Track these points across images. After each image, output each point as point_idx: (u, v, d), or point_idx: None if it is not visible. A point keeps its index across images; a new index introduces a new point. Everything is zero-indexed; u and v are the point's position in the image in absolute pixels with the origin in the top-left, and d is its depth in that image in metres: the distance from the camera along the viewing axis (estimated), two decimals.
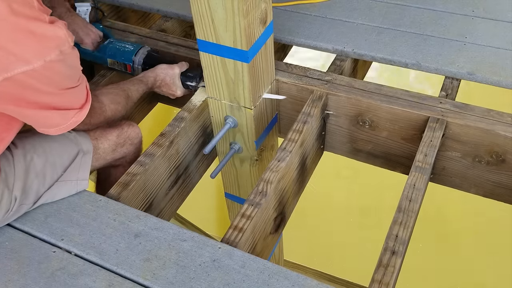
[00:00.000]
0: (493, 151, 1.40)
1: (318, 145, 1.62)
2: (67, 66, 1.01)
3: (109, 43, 1.61)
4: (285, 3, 1.88)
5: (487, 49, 1.61)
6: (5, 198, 1.11)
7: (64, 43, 0.97)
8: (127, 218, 1.18)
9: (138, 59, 1.57)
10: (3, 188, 1.10)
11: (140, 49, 1.58)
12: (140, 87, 1.43)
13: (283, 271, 1.06)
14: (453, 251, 2.81)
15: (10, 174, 1.12)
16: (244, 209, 1.21)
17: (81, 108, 1.11)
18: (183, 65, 1.54)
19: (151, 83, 1.48)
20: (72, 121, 1.10)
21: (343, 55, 1.68)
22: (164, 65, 1.51)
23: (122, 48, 1.59)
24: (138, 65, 1.57)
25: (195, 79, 1.52)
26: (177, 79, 1.51)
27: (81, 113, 1.11)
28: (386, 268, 1.07)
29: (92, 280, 1.06)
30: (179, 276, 1.06)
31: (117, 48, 1.59)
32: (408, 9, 1.82)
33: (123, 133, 1.37)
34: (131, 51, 1.58)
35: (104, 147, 1.32)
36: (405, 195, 1.22)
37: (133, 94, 1.39)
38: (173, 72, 1.50)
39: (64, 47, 0.97)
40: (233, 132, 1.56)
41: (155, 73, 1.49)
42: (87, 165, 1.26)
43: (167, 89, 1.51)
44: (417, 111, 1.43)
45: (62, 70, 1.00)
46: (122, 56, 1.58)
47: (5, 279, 1.06)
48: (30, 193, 1.16)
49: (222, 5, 1.20)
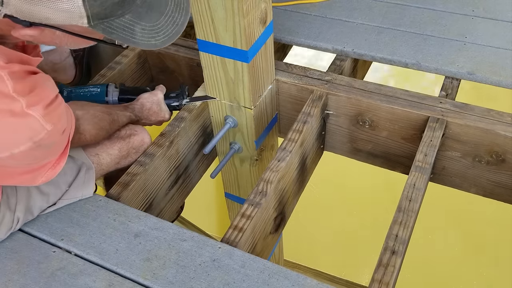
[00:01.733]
0: (493, 150, 1.40)
1: (318, 145, 1.62)
2: (44, 148, 0.92)
3: (70, 93, 1.47)
4: (285, 3, 1.88)
5: (487, 49, 1.61)
6: (6, 218, 1.10)
7: (38, 133, 0.87)
8: (127, 218, 1.18)
9: (112, 99, 1.47)
10: (5, 210, 1.09)
11: (107, 88, 1.48)
12: (127, 112, 1.37)
13: (283, 271, 1.06)
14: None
15: (12, 196, 1.10)
16: (244, 209, 1.22)
17: (55, 164, 1.01)
18: (162, 88, 1.48)
19: (138, 111, 1.40)
20: (42, 179, 1.01)
21: (343, 55, 1.68)
22: (146, 93, 1.44)
23: (88, 93, 1.47)
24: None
25: (178, 98, 1.48)
26: (162, 104, 1.45)
27: (53, 171, 1.01)
28: (386, 267, 1.07)
29: (92, 280, 1.06)
30: (179, 276, 1.06)
31: (82, 96, 1.47)
32: (408, 9, 1.82)
33: (125, 145, 1.33)
34: (99, 93, 1.47)
35: (107, 162, 1.29)
36: (405, 194, 1.22)
37: (120, 119, 1.33)
38: (157, 98, 1.43)
39: (38, 137, 0.88)
40: (233, 132, 1.56)
41: (140, 102, 1.41)
42: (91, 181, 1.23)
43: (155, 117, 1.44)
44: (417, 110, 1.43)
45: (35, 153, 0.92)
46: (93, 102, 1.41)
47: (5, 279, 1.06)
48: (34, 209, 1.15)
49: (222, 5, 1.20)
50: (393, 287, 1.07)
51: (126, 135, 1.34)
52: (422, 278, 2.69)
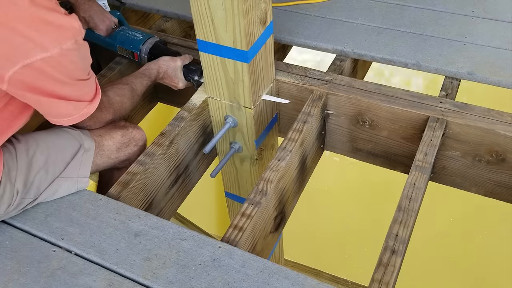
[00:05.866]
0: (493, 150, 1.40)
1: (318, 144, 1.62)
2: (80, 57, 1.07)
3: (120, 30, 1.64)
4: (285, 3, 1.88)
5: (487, 49, 1.61)
6: (7, 191, 1.12)
7: (78, 33, 1.04)
8: (127, 217, 1.18)
9: (145, 48, 1.59)
10: (6, 181, 1.12)
11: (148, 39, 1.60)
12: (144, 80, 1.45)
13: (283, 270, 1.06)
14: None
15: (12, 168, 1.14)
16: (244, 208, 1.22)
17: (92, 101, 1.16)
18: (186, 57, 1.56)
19: (154, 75, 1.49)
20: (83, 112, 1.15)
21: (343, 55, 1.68)
22: (167, 57, 1.53)
23: (132, 36, 1.62)
24: (144, 54, 1.59)
25: (196, 72, 1.53)
26: (179, 71, 1.52)
27: (91, 105, 1.16)
28: (386, 267, 1.07)
29: (92, 279, 1.06)
30: (179, 275, 1.06)
31: (127, 36, 1.62)
32: (408, 9, 1.82)
33: (128, 133, 1.38)
34: (140, 40, 1.60)
35: (108, 144, 1.33)
36: (405, 194, 1.22)
37: (138, 87, 1.41)
38: (175, 64, 1.52)
39: (78, 37, 1.04)
40: (233, 132, 1.56)
41: (158, 65, 1.50)
42: (88, 162, 1.27)
43: (169, 81, 1.54)
44: (417, 110, 1.43)
45: (75, 59, 1.05)
46: (130, 44, 1.61)
47: (5, 279, 1.06)
48: (31, 188, 1.17)
49: (222, 6, 1.20)
50: (393, 286, 1.07)
51: (130, 126, 1.40)
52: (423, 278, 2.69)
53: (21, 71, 0.98)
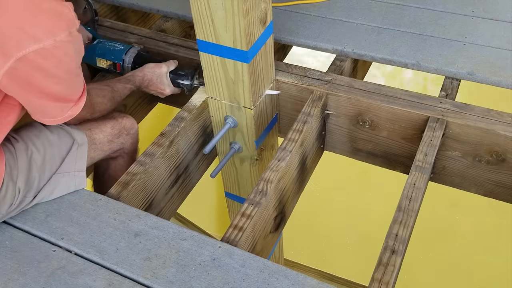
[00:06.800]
0: (493, 150, 1.40)
1: (318, 144, 1.62)
2: (74, 49, 1.05)
3: (98, 43, 1.62)
4: (285, 3, 1.88)
5: (487, 49, 1.61)
6: (10, 190, 1.12)
7: (73, 24, 1.02)
8: (127, 217, 1.18)
9: (128, 58, 1.57)
10: (8, 181, 1.12)
11: (130, 49, 1.58)
12: (128, 85, 1.44)
13: (283, 270, 1.06)
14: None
15: (14, 167, 1.14)
16: (244, 208, 1.22)
17: (77, 102, 1.15)
18: (171, 63, 1.53)
19: (139, 82, 1.48)
20: (67, 114, 1.15)
21: (343, 55, 1.68)
22: (152, 64, 1.51)
23: (111, 47, 1.60)
24: (128, 64, 1.57)
25: (186, 77, 1.52)
26: (164, 77, 1.50)
27: (76, 107, 1.15)
28: (386, 267, 1.07)
29: (92, 279, 1.06)
30: (179, 275, 1.06)
31: (106, 47, 1.60)
32: (408, 9, 1.82)
33: (118, 124, 1.38)
34: (121, 50, 1.58)
35: (99, 138, 1.33)
36: (405, 194, 1.22)
37: (120, 89, 1.40)
38: (160, 71, 1.50)
39: (73, 28, 1.02)
40: (233, 132, 1.56)
41: (143, 73, 1.49)
42: (83, 156, 1.27)
43: (155, 88, 1.51)
44: (417, 111, 1.43)
45: (69, 52, 1.04)
46: (112, 55, 1.59)
47: (5, 278, 1.06)
48: (32, 186, 1.17)
49: (222, 6, 1.20)
50: (393, 286, 1.07)
51: (119, 116, 1.40)
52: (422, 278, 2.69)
53: (15, 65, 0.96)
